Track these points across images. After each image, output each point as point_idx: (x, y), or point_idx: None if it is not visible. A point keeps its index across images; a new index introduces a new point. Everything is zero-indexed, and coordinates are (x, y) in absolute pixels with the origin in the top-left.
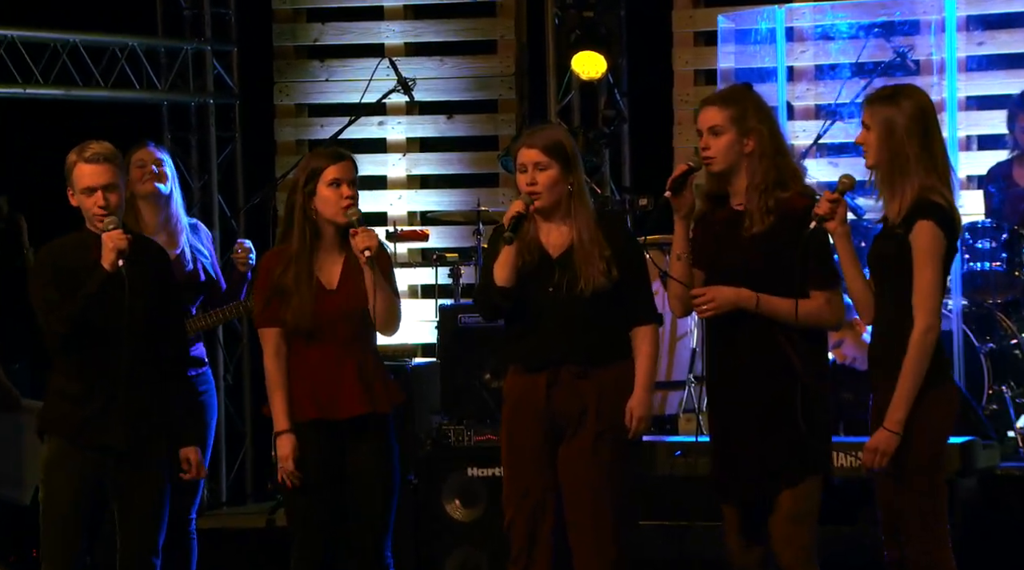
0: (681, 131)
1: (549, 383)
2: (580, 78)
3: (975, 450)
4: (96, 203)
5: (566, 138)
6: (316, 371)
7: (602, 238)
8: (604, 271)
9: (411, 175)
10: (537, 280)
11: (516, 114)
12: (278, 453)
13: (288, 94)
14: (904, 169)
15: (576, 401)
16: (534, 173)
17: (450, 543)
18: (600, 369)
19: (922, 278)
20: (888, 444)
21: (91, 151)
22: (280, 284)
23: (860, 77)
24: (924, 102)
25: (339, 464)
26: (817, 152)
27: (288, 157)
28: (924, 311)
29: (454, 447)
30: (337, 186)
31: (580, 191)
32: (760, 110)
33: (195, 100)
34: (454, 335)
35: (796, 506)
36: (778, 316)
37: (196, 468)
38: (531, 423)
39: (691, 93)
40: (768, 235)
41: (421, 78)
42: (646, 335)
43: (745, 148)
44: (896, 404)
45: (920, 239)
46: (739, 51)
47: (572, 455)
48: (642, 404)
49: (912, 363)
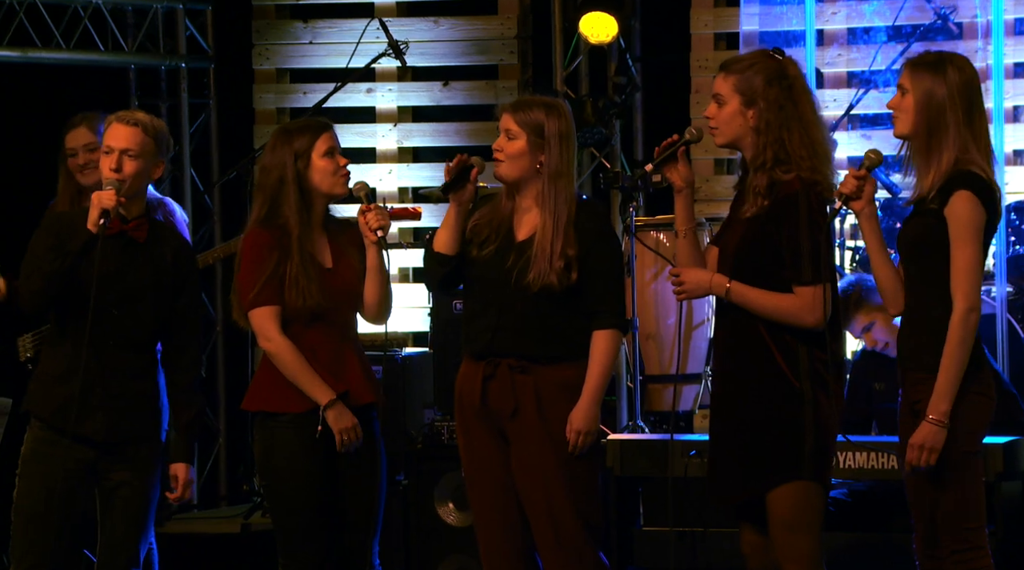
0: (699, 100)
1: (486, 375)
2: (589, 42)
3: (1019, 450)
4: (109, 165)
5: (552, 119)
6: (322, 357)
7: (572, 234)
8: (559, 270)
9: (403, 147)
10: (495, 261)
11: (518, 81)
12: (342, 424)
13: (268, 57)
14: (942, 142)
15: (510, 397)
16: (502, 139)
17: (443, 549)
18: (543, 367)
19: (961, 255)
20: (935, 438)
21: (129, 114)
22: (280, 268)
23: (897, 41)
24: (971, 74)
25: (330, 460)
26: (849, 124)
27: (267, 126)
28: (964, 291)
29: (447, 445)
30: (332, 156)
31: (556, 176)
32: (772, 80)
33: (166, 63)
34: (448, 323)
35: (790, 512)
36: (748, 307)
37: (182, 487)
38: (472, 417)
39: (710, 58)
40: (757, 219)
41: (414, 41)
42: (601, 340)
43: (749, 121)
44: (940, 394)
45: (958, 210)
46: (764, 12)
47: (520, 461)
48: (585, 415)
49: (954, 348)
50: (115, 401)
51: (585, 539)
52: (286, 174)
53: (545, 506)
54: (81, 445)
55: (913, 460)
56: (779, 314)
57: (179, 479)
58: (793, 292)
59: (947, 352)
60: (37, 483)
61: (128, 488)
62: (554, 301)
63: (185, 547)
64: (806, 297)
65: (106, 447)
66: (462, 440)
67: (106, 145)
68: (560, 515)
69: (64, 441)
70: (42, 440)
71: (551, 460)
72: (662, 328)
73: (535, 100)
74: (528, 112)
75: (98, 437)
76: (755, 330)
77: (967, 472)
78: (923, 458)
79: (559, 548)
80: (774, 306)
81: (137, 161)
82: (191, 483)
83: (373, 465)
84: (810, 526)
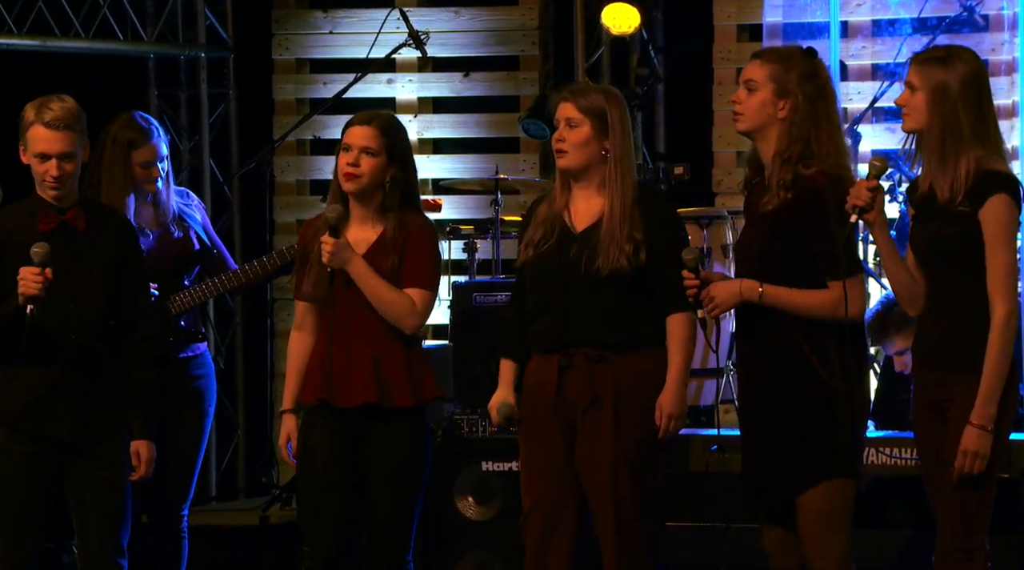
0: (721, 92)
1: (562, 367)
2: (611, 33)
3: None
4: (49, 172)
5: (613, 104)
6: (325, 348)
7: (638, 217)
8: (629, 254)
9: (423, 139)
10: (555, 255)
11: (539, 72)
12: (280, 439)
13: (288, 47)
14: (957, 139)
15: (588, 388)
16: (564, 130)
17: (462, 545)
18: (621, 356)
19: (998, 258)
20: (985, 444)
21: (51, 114)
22: (308, 250)
23: (922, 34)
24: (979, 67)
25: (349, 456)
26: (873, 117)
27: (287, 116)
28: (1003, 295)
29: (467, 439)
30: (347, 151)
31: (621, 160)
32: (807, 76)
33: (185, 53)
34: (468, 316)
35: (823, 510)
36: (786, 308)
37: (144, 465)
38: (543, 410)
39: (733, 50)
40: (781, 213)
41: (435, 31)
42: (679, 323)
43: (779, 112)
44: (986, 398)
45: (997, 213)
46: (787, 4)
47: (589, 455)
48: (674, 399)
49: (998, 352)
50: (81, 400)
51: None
52: None
53: (611, 499)
54: (47, 446)
55: (964, 467)
56: (818, 311)
57: (141, 457)
58: (827, 286)
59: (990, 356)
60: (7, 482)
61: (100, 481)
62: (625, 287)
63: (203, 539)
64: (851, 291)
65: (74, 446)
66: (526, 431)
67: (39, 151)
68: (624, 507)
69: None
70: (6, 439)
71: (622, 452)
72: None
73: (592, 87)
74: (588, 98)
75: (65, 437)
76: (786, 328)
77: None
78: (975, 465)
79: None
80: (813, 303)
81: (73, 161)
82: (153, 460)
83: (401, 464)
84: (842, 524)
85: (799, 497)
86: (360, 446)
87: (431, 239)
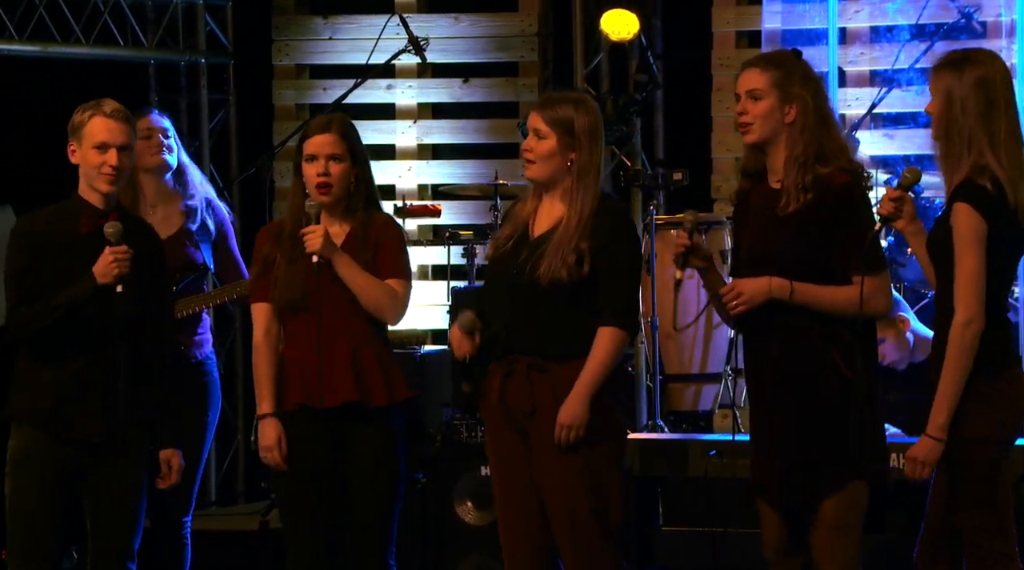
0: (720, 98)
1: (505, 374)
2: (610, 39)
3: None
4: (108, 162)
5: (581, 115)
6: (301, 352)
7: (589, 229)
8: (571, 264)
9: (422, 144)
10: (509, 258)
11: (538, 78)
12: (263, 442)
13: (288, 53)
14: (960, 145)
15: (527, 397)
16: (532, 140)
17: (461, 549)
18: (560, 365)
19: (960, 265)
20: (930, 452)
21: (111, 107)
22: (270, 258)
23: (920, 40)
24: (991, 71)
25: (331, 459)
26: (871, 123)
27: (287, 122)
28: (963, 302)
29: (466, 443)
30: (312, 160)
31: (584, 173)
32: (806, 77)
33: (185, 59)
34: None
35: (840, 514)
36: (817, 305)
37: (175, 474)
38: (493, 416)
39: (732, 56)
40: (803, 214)
41: (434, 37)
42: (606, 335)
43: (786, 117)
44: (937, 407)
45: (956, 222)
46: (786, 10)
47: (539, 464)
48: (569, 410)
49: (951, 361)
50: (111, 404)
51: (601, 541)
52: (295, 168)
53: (564, 506)
54: (71, 445)
55: (910, 474)
56: (847, 307)
57: (172, 465)
58: (852, 282)
59: (946, 364)
60: (31, 481)
61: (119, 484)
62: (565, 297)
63: (203, 544)
64: (875, 285)
65: (98, 447)
66: (488, 438)
67: (99, 141)
68: (577, 515)
69: (53, 441)
70: (32, 439)
71: (568, 459)
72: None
73: (563, 97)
74: (556, 110)
75: (94, 439)
76: (805, 327)
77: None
78: (917, 471)
79: (575, 549)
80: (843, 299)
81: (128, 156)
82: (182, 468)
83: (381, 465)
84: (854, 527)
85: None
86: (341, 448)
87: (399, 233)
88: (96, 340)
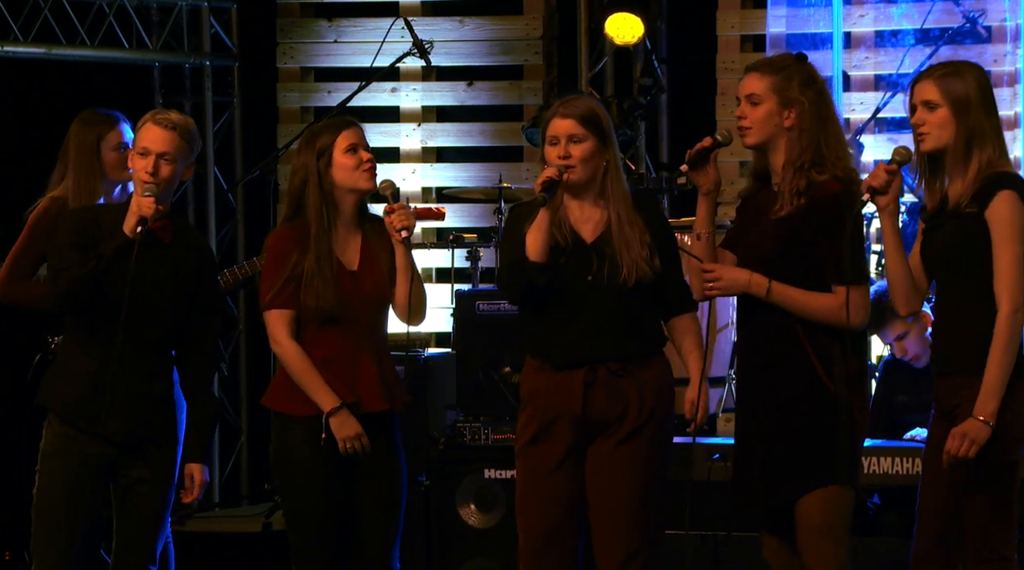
0: (724, 102)
1: (587, 382)
2: (614, 43)
3: None
4: (145, 168)
5: (602, 111)
6: (333, 362)
7: (641, 222)
8: (647, 259)
9: (427, 147)
10: (572, 267)
11: (543, 82)
12: (344, 432)
13: (292, 56)
14: (982, 145)
15: (617, 403)
16: (567, 145)
17: (464, 552)
18: (639, 367)
19: (1005, 255)
20: (979, 432)
21: (164, 116)
22: (298, 267)
23: (925, 44)
24: (985, 75)
25: (345, 464)
26: (876, 127)
27: (291, 125)
28: (1009, 291)
29: (470, 446)
30: (354, 152)
31: (615, 169)
32: (807, 82)
33: (190, 61)
34: (471, 324)
35: (821, 518)
36: (791, 306)
37: (198, 488)
38: (562, 427)
39: (736, 60)
40: (794, 219)
41: (439, 40)
42: (690, 324)
43: (785, 121)
44: (987, 393)
45: (1002, 211)
46: (791, 14)
47: (603, 457)
48: (705, 394)
49: (1001, 348)
50: (134, 401)
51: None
52: (309, 174)
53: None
54: (100, 442)
55: (952, 449)
56: (823, 314)
57: (195, 480)
58: (833, 292)
59: (993, 352)
60: (57, 479)
61: (145, 486)
62: (645, 294)
63: (206, 546)
64: (851, 297)
65: (124, 446)
66: (531, 449)
67: (142, 146)
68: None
69: (83, 437)
70: (62, 436)
71: (642, 454)
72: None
73: (582, 97)
74: (587, 110)
75: (117, 437)
76: (791, 332)
77: (1006, 480)
78: (964, 448)
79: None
80: (818, 306)
81: (172, 165)
82: (206, 484)
83: (390, 471)
84: (840, 531)
85: (797, 504)
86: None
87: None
88: (117, 330)
